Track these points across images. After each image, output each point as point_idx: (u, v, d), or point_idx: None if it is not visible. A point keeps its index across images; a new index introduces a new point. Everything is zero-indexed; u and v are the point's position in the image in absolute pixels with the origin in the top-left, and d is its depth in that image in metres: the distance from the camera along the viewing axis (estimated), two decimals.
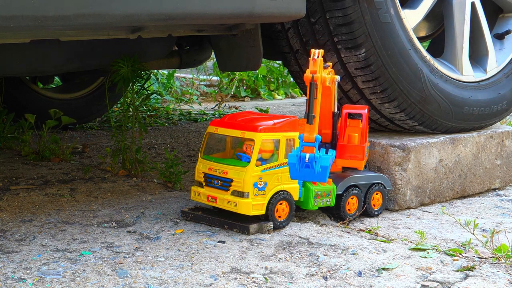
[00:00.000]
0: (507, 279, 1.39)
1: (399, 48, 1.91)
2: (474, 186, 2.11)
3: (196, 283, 1.34)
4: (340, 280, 1.38)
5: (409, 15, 1.98)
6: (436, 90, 1.99)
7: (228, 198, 1.65)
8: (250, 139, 1.64)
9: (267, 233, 1.65)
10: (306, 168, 1.54)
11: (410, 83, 1.93)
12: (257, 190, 1.63)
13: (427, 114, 1.99)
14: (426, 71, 1.97)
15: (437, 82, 2.00)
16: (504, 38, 2.31)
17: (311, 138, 1.54)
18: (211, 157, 1.73)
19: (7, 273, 1.37)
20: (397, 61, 1.91)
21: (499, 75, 2.23)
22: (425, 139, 1.98)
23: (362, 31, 1.85)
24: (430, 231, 1.73)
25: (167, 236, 1.63)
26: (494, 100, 2.18)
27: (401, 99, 1.94)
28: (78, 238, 1.61)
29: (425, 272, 1.43)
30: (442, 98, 2.00)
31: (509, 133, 2.21)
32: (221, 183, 1.67)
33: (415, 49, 1.96)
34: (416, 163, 1.93)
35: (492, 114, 2.17)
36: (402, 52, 1.92)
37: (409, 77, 1.93)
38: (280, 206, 1.67)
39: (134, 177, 2.27)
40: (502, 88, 2.22)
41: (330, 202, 1.74)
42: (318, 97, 1.56)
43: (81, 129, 3.36)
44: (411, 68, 1.94)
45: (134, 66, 2.08)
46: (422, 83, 1.95)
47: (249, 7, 1.59)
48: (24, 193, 2.03)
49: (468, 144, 2.08)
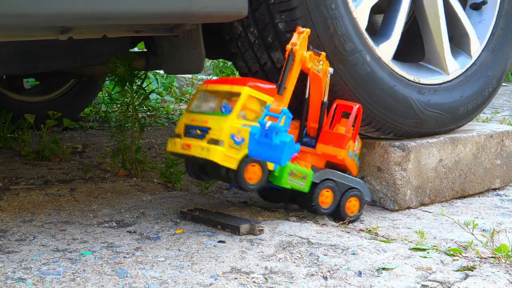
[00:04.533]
0: (507, 279, 1.39)
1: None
2: (474, 186, 2.11)
3: (196, 283, 1.34)
4: (340, 280, 1.38)
5: (383, 48, 1.92)
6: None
7: (202, 145, 1.60)
8: (237, 92, 1.63)
9: (258, 234, 1.64)
10: (265, 139, 1.47)
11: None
12: (233, 142, 1.58)
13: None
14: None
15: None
16: (481, 8, 2.21)
17: (277, 109, 1.52)
18: (196, 111, 1.71)
19: (7, 273, 1.37)
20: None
21: (483, 54, 2.17)
22: (425, 139, 1.98)
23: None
24: (430, 231, 1.73)
25: (167, 236, 1.63)
26: (483, 87, 2.15)
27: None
28: (78, 238, 1.61)
29: (425, 272, 1.43)
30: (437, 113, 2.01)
31: (509, 132, 2.21)
32: (200, 132, 1.63)
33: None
34: (416, 163, 1.93)
35: (483, 102, 2.16)
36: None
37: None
38: (253, 168, 1.62)
39: (134, 177, 2.27)
40: (489, 69, 2.18)
41: (304, 186, 1.70)
42: (293, 70, 1.56)
43: (81, 129, 3.36)
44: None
45: (130, 66, 2.08)
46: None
47: (184, 6, 1.51)
48: (24, 193, 2.03)
49: (468, 144, 2.08)
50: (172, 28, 1.81)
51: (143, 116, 3.64)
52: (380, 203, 1.95)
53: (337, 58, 1.78)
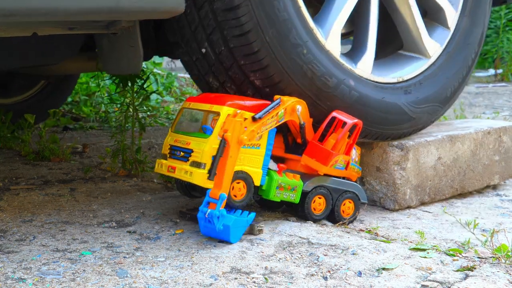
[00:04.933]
0: (507, 279, 1.39)
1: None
2: (473, 182, 2.11)
3: (196, 283, 1.34)
4: (340, 280, 1.38)
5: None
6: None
7: (185, 168, 1.61)
8: (216, 112, 1.62)
9: (257, 234, 1.64)
10: (209, 224, 1.53)
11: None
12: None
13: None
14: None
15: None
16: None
17: (216, 195, 1.52)
18: (181, 131, 1.71)
19: (7, 273, 1.37)
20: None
21: (461, 21, 2.10)
22: (423, 138, 1.98)
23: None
24: (430, 231, 1.73)
25: (167, 236, 1.63)
26: (466, 57, 2.10)
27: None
28: (78, 238, 1.61)
29: (425, 272, 1.43)
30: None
31: (507, 128, 2.21)
32: (183, 154, 1.64)
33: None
34: (415, 161, 1.93)
35: (468, 71, 2.12)
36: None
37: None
38: (237, 185, 1.63)
39: (134, 177, 2.27)
40: (469, 35, 2.11)
41: (294, 197, 1.71)
42: (229, 156, 1.53)
43: (81, 129, 3.36)
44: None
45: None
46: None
47: (113, 2, 1.44)
48: (24, 193, 2.03)
49: (466, 141, 2.07)
50: (108, 26, 1.72)
51: (143, 116, 3.64)
52: (380, 203, 1.95)
53: (323, 97, 1.76)
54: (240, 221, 1.56)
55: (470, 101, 4.68)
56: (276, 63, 1.69)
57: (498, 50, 6.64)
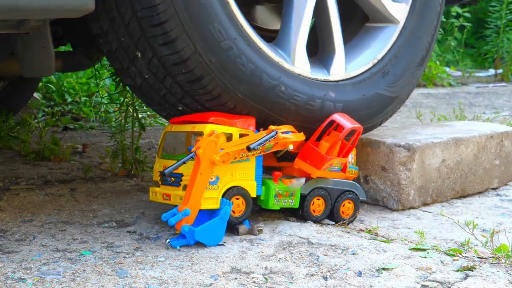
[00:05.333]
0: (507, 279, 1.39)
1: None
2: (474, 186, 2.12)
3: (196, 283, 1.34)
4: (340, 280, 1.38)
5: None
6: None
7: (180, 194, 1.59)
8: (200, 132, 1.60)
9: (257, 234, 1.64)
10: (184, 239, 1.54)
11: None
12: (208, 183, 1.56)
13: None
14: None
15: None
16: None
17: (181, 209, 1.52)
18: (168, 155, 1.69)
19: (7, 273, 1.37)
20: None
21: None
22: (429, 139, 1.98)
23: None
24: (430, 231, 1.73)
25: (167, 236, 1.63)
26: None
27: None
28: (78, 238, 1.61)
29: (425, 272, 1.43)
30: None
31: (508, 133, 2.21)
32: (174, 179, 1.62)
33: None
34: (420, 163, 1.93)
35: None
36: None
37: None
38: (237, 201, 1.62)
39: (134, 177, 2.27)
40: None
41: (293, 203, 1.71)
42: (199, 172, 1.52)
43: (81, 129, 3.36)
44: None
45: None
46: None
47: (10, 0, 1.37)
48: (24, 193, 2.03)
49: (470, 144, 2.08)
50: (18, 25, 1.62)
51: (143, 116, 3.64)
52: (383, 202, 1.95)
53: (306, 128, 1.74)
54: (207, 227, 1.54)
55: (470, 101, 4.68)
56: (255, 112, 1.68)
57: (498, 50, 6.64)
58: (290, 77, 1.72)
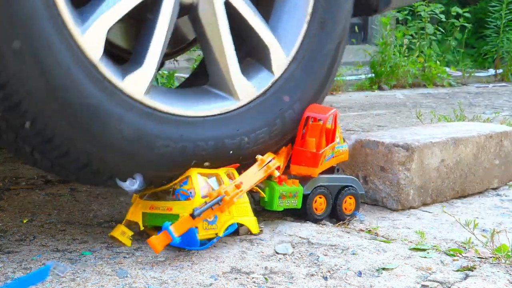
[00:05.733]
0: (507, 279, 1.39)
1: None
2: (473, 186, 2.12)
3: (196, 283, 1.34)
4: (340, 280, 1.38)
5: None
6: None
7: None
8: (185, 177, 1.55)
9: (257, 234, 1.64)
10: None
11: None
12: (207, 224, 1.51)
13: None
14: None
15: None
16: None
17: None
18: (151, 199, 1.61)
19: (7, 273, 1.37)
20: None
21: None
22: (428, 139, 1.98)
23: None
24: (430, 231, 1.73)
25: None
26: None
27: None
28: (78, 238, 1.61)
29: (425, 272, 1.43)
30: None
31: (508, 133, 2.21)
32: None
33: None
34: (419, 163, 1.93)
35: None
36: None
37: None
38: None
39: None
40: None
41: (296, 203, 1.71)
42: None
43: None
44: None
45: None
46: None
47: None
48: (24, 193, 2.03)
49: (469, 144, 2.08)
50: None
51: None
52: (383, 202, 1.95)
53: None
54: (189, 237, 1.47)
55: (470, 101, 4.68)
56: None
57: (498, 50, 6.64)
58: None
